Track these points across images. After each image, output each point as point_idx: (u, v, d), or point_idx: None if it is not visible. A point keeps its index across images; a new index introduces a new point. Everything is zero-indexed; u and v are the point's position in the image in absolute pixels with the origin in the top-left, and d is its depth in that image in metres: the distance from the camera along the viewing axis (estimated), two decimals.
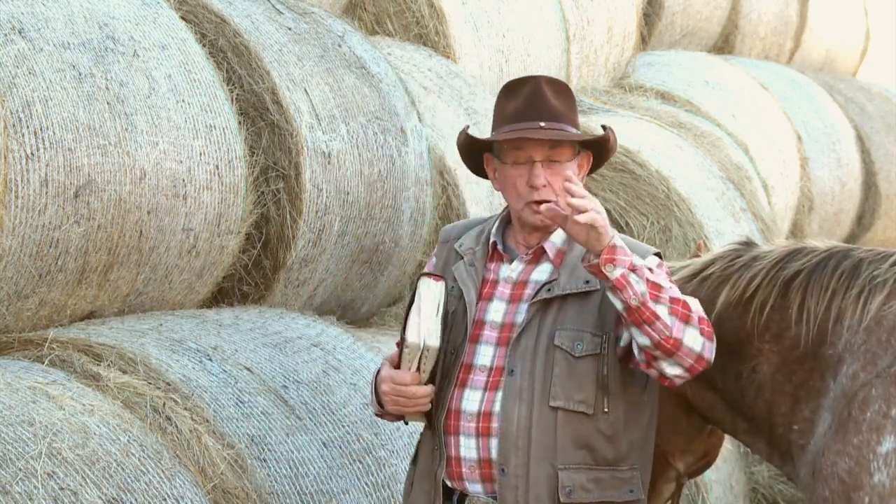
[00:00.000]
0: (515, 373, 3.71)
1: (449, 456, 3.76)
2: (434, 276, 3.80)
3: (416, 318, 3.72)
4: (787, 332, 4.00)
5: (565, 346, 3.71)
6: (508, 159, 3.79)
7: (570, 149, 3.79)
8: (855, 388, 3.81)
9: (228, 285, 5.64)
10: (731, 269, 4.13)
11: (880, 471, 3.70)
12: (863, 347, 3.85)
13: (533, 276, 3.81)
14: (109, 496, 3.83)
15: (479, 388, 3.75)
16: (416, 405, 3.75)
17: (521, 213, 3.80)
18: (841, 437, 3.79)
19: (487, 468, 3.73)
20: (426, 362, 3.72)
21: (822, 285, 3.97)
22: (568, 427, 3.69)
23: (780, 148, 9.67)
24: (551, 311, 3.74)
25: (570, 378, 3.70)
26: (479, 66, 7.93)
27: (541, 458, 3.68)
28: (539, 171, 3.73)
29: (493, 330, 3.78)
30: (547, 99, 3.78)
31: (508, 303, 3.80)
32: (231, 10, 5.79)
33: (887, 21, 13.95)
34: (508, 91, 3.85)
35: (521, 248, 3.85)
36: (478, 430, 3.73)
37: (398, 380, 3.73)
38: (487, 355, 3.77)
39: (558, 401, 3.69)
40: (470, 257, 3.86)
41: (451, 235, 3.97)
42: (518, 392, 3.70)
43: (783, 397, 4.01)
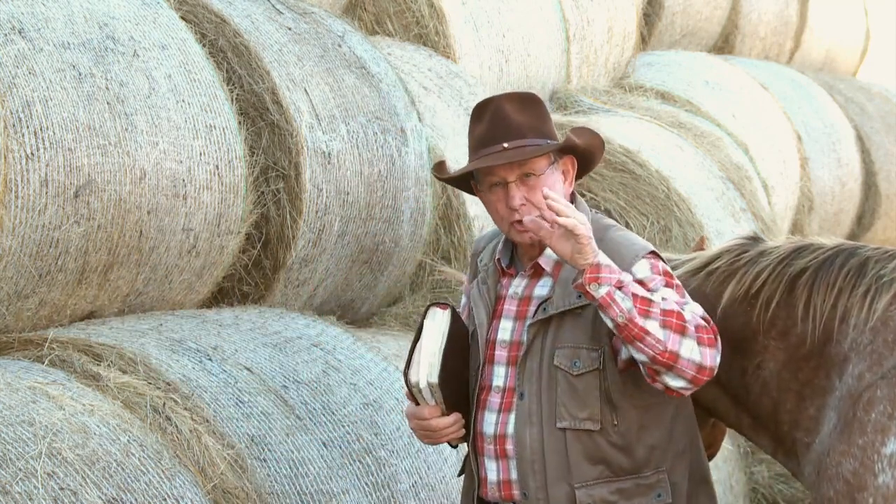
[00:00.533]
0: (525, 396, 3.74)
1: (480, 477, 3.83)
2: (441, 305, 3.84)
3: (417, 355, 3.78)
4: (793, 329, 4.00)
5: (564, 365, 3.72)
6: (484, 186, 3.80)
7: (543, 159, 3.75)
8: (860, 389, 3.81)
9: (228, 285, 5.64)
10: (737, 263, 4.13)
11: (884, 472, 3.70)
12: (869, 348, 3.84)
13: (535, 291, 3.82)
14: (109, 496, 3.83)
15: (494, 411, 3.79)
16: (445, 435, 3.82)
17: (508, 234, 3.82)
18: (846, 437, 3.79)
19: (507, 489, 3.77)
20: (436, 395, 3.77)
21: (828, 283, 3.96)
22: (578, 445, 3.71)
23: (780, 148, 9.67)
24: (550, 330, 3.75)
25: (572, 397, 3.71)
26: (479, 66, 7.92)
27: (557, 479, 3.70)
28: (514, 192, 3.73)
29: (503, 349, 3.81)
30: (508, 118, 3.75)
31: (515, 320, 3.82)
32: (231, 10, 5.79)
33: (887, 21, 13.95)
34: (475, 115, 3.83)
35: (525, 260, 3.87)
36: (496, 453, 3.78)
37: (418, 415, 3.81)
38: (500, 376, 3.81)
39: (564, 421, 3.71)
40: (483, 275, 3.90)
41: (479, 247, 4.00)
42: (528, 416, 3.73)
43: (788, 395, 4.01)
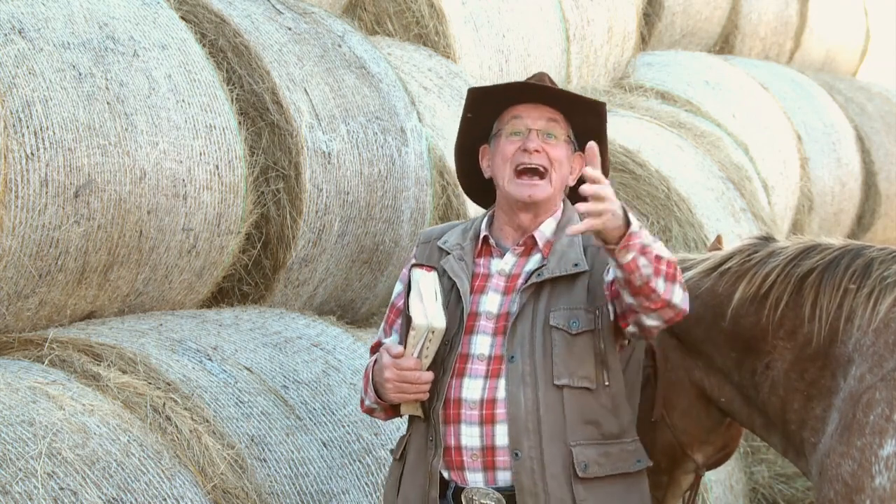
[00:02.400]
0: (516, 359, 3.76)
1: (447, 446, 3.79)
2: (426, 267, 3.87)
3: (418, 302, 3.77)
4: (800, 329, 4.02)
5: (561, 325, 3.78)
6: (506, 129, 3.87)
7: (564, 129, 3.87)
8: (861, 391, 3.82)
9: (228, 285, 5.64)
10: (748, 264, 4.16)
11: (881, 474, 3.71)
12: (871, 349, 3.86)
13: (526, 267, 3.88)
14: (109, 496, 3.83)
15: (479, 377, 3.79)
16: (418, 391, 3.78)
17: (508, 187, 3.86)
18: (845, 439, 3.80)
19: (490, 455, 3.77)
20: (430, 346, 3.76)
21: (834, 284, 3.98)
22: (574, 404, 3.76)
23: (780, 148, 9.67)
24: (543, 296, 3.81)
25: (570, 355, 3.77)
26: (479, 66, 7.92)
27: (553, 438, 3.74)
28: (534, 136, 3.82)
29: (488, 320, 3.83)
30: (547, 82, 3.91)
31: (503, 294, 3.85)
32: (231, 10, 5.79)
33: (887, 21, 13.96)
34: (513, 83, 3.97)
35: (509, 241, 3.92)
36: (481, 418, 3.77)
37: (403, 365, 3.76)
38: (485, 344, 3.81)
39: (563, 379, 3.76)
40: (458, 252, 3.91)
41: (433, 236, 4.03)
42: (521, 376, 3.75)
43: (796, 395, 4.02)
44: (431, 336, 3.75)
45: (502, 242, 3.93)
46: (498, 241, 3.93)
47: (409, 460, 3.87)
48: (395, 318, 4.02)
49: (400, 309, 3.99)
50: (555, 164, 3.83)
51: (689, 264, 4.28)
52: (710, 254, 4.32)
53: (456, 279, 3.86)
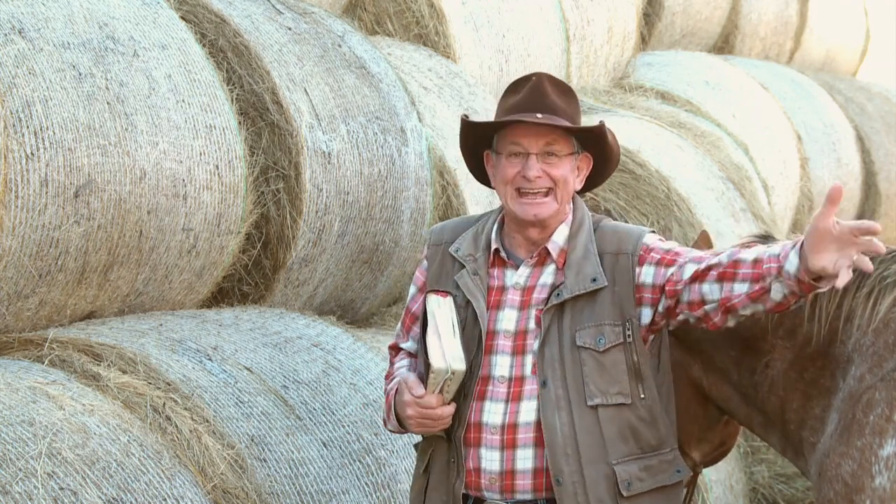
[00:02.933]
0: (548, 384, 3.70)
1: (468, 469, 3.76)
2: (440, 293, 3.80)
3: (436, 340, 3.71)
4: (799, 328, 4.02)
5: (588, 344, 3.71)
6: (504, 151, 3.79)
7: (567, 144, 3.77)
8: (860, 391, 3.82)
9: (228, 285, 5.64)
10: None
11: (881, 474, 3.71)
12: (870, 349, 3.86)
13: (541, 279, 3.80)
14: (109, 496, 3.83)
15: (500, 400, 3.75)
16: (441, 425, 3.76)
17: (510, 205, 3.79)
18: (845, 439, 3.79)
19: (510, 479, 3.73)
20: (451, 385, 3.72)
21: None
22: (611, 422, 3.71)
23: (780, 148, 9.67)
24: (566, 315, 3.74)
25: (601, 374, 3.71)
26: (479, 66, 7.92)
27: (593, 460, 3.69)
28: (533, 163, 3.73)
29: (507, 339, 3.77)
30: (547, 94, 3.77)
31: (519, 310, 3.79)
32: (231, 10, 5.79)
33: (887, 21, 13.96)
34: (511, 88, 3.85)
35: (522, 252, 3.84)
36: (502, 443, 3.73)
37: (424, 404, 3.73)
38: (505, 366, 3.76)
39: (596, 399, 3.71)
40: (472, 265, 3.83)
41: (444, 238, 3.94)
42: (555, 401, 3.70)
43: (795, 394, 4.02)
44: (451, 377, 3.71)
45: (514, 253, 3.85)
46: (510, 251, 3.86)
47: (433, 478, 3.84)
48: (412, 325, 3.97)
49: (416, 315, 3.94)
50: (558, 182, 3.75)
51: None
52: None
53: (471, 298, 3.79)
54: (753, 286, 3.56)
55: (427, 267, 3.94)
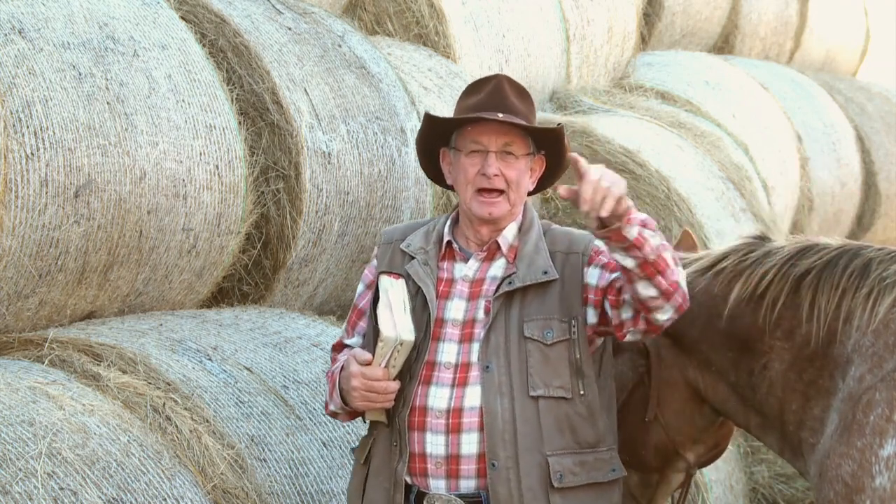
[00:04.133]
0: (492, 368, 3.78)
1: (412, 452, 3.81)
2: (393, 274, 3.89)
3: (387, 312, 3.79)
4: (798, 329, 4.01)
5: (536, 336, 3.81)
6: (465, 149, 3.88)
7: (524, 145, 3.89)
8: (860, 391, 3.81)
9: (228, 285, 5.64)
10: (743, 264, 4.14)
11: (881, 474, 3.70)
12: (870, 350, 3.85)
13: (490, 272, 3.90)
14: (109, 496, 3.83)
15: (446, 385, 3.81)
16: (384, 400, 3.80)
17: (469, 203, 3.89)
18: (845, 439, 3.79)
19: (455, 464, 3.79)
20: (398, 357, 3.78)
21: (832, 283, 3.98)
22: (550, 414, 3.79)
23: (780, 148, 9.67)
24: (515, 304, 3.83)
25: (545, 366, 3.80)
26: (479, 66, 7.92)
27: (528, 448, 3.76)
28: (492, 161, 3.84)
29: (454, 328, 3.85)
30: (507, 95, 3.89)
31: (468, 300, 3.88)
32: (231, 10, 5.79)
33: (887, 21, 13.96)
34: (470, 88, 3.96)
35: (472, 246, 3.94)
36: (448, 427, 3.79)
37: (371, 375, 3.78)
38: (451, 352, 3.84)
39: (538, 390, 3.79)
40: (423, 256, 3.93)
41: (395, 236, 4.04)
42: (497, 387, 3.77)
43: (794, 395, 4.02)
44: (400, 348, 3.76)
45: (466, 247, 3.95)
46: (461, 245, 3.96)
47: (374, 465, 3.89)
48: (357, 320, 4.04)
49: (362, 310, 4.02)
50: (512, 184, 3.86)
51: (683, 263, 4.26)
52: (704, 253, 4.31)
53: (421, 284, 3.89)
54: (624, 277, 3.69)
55: (377, 265, 4.03)
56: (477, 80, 3.98)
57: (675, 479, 4.39)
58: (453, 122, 3.92)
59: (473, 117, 3.84)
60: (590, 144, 7.57)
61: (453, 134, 3.93)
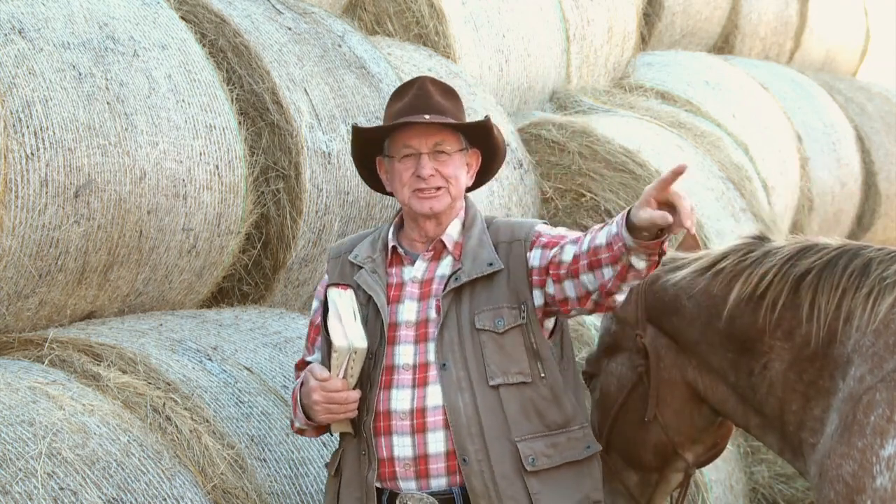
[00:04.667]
0: (448, 366, 3.81)
1: (380, 458, 3.84)
2: (341, 286, 3.92)
3: (337, 323, 3.81)
4: (798, 329, 4.01)
5: (487, 326, 3.84)
6: (397, 154, 3.92)
7: (455, 141, 3.92)
8: (861, 391, 3.81)
9: (228, 285, 5.64)
10: (743, 264, 4.14)
11: (882, 474, 3.70)
12: (871, 350, 3.85)
13: (438, 271, 3.93)
14: (109, 496, 3.83)
15: (406, 387, 3.84)
16: (346, 410, 3.83)
17: (409, 202, 3.92)
18: (846, 439, 3.79)
19: (423, 463, 3.81)
20: (354, 366, 3.80)
21: (832, 284, 3.97)
22: (513, 400, 3.81)
23: (780, 148, 9.67)
24: (464, 299, 3.86)
25: (501, 354, 3.83)
26: (479, 66, 7.92)
27: (497, 437, 3.78)
28: (426, 162, 3.88)
29: (408, 329, 3.88)
30: (431, 95, 3.93)
31: (419, 301, 3.90)
32: (231, 10, 5.79)
33: (887, 21, 13.96)
34: (396, 94, 4.00)
35: (419, 247, 3.98)
36: (413, 427, 3.81)
37: (330, 387, 3.80)
38: (408, 354, 3.86)
39: (497, 379, 3.82)
40: (370, 265, 3.96)
41: (342, 250, 4.07)
42: (457, 383, 3.80)
43: (794, 395, 4.02)
44: (354, 356, 3.78)
45: (411, 250, 3.98)
46: (407, 249, 3.98)
47: (345, 476, 3.92)
48: (316, 336, 4.06)
49: (319, 327, 4.03)
50: (450, 179, 3.90)
51: (681, 263, 4.26)
52: (703, 253, 4.30)
53: (371, 293, 3.91)
54: (616, 267, 3.65)
55: (328, 281, 4.05)
56: (401, 85, 4.02)
57: (674, 478, 4.40)
58: (382, 130, 3.96)
59: (400, 123, 3.88)
60: (590, 144, 7.57)
61: (385, 142, 3.96)
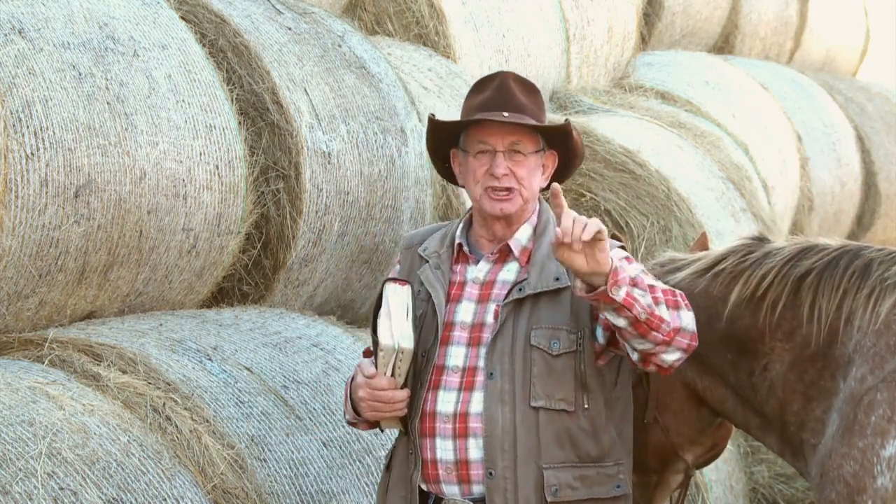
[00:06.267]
0: (495, 375, 3.73)
1: (424, 459, 3.78)
2: (399, 281, 3.83)
3: (386, 321, 3.74)
4: (798, 330, 4.01)
5: (542, 345, 3.74)
6: (472, 150, 3.83)
7: (532, 142, 3.83)
8: (862, 392, 3.81)
9: (228, 285, 5.64)
10: (742, 265, 4.14)
11: (883, 474, 3.71)
12: (872, 350, 3.85)
13: (500, 275, 3.85)
14: (109, 496, 3.83)
15: (453, 389, 3.78)
16: (393, 409, 3.77)
17: (480, 201, 3.84)
18: (847, 440, 3.79)
19: (465, 469, 3.75)
20: (401, 365, 3.74)
21: (833, 284, 3.97)
22: (550, 426, 3.73)
23: (780, 148, 9.67)
24: (524, 311, 3.77)
25: (549, 377, 3.73)
26: (479, 66, 7.92)
27: (526, 459, 3.71)
28: (501, 160, 3.79)
29: (463, 330, 3.81)
30: (513, 93, 3.83)
31: (477, 303, 3.83)
32: (231, 10, 5.79)
33: (887, 21, 13.96)
34: (476, 87, 3.91)
35: (485, 247, 3.90)
36: (455, 432, 3.75)
37: (374, 385, 3.74)
38: (459, 356, 3.79)
39: (539, 401, 3.73)
40: (435, 260, 3.89)
41: (415, 241, 4.01)
42: (499, 395, 3.72)
43: (795, 396, 4.01)
44: (401, 356, 3.72)
45: (477, 249, 3.91)
46: (473, 247, 3.91)
47: (394, 474, 3.88)
48: None
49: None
50: (523, 181, 3.80)
51: (681, 264, 4.26)
52: (702, 254, 4.30)
53: (431, 290, 3.85)
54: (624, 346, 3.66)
55: (399, 270, 4.00)
56: (482, 78, 3.92)
57: (673, 479, 4.39)
58: (458, 124, 3.88)
59: (476, 119, 3.80)
60: (590, 144, 7.57)
61: (461, 134, 3.88)
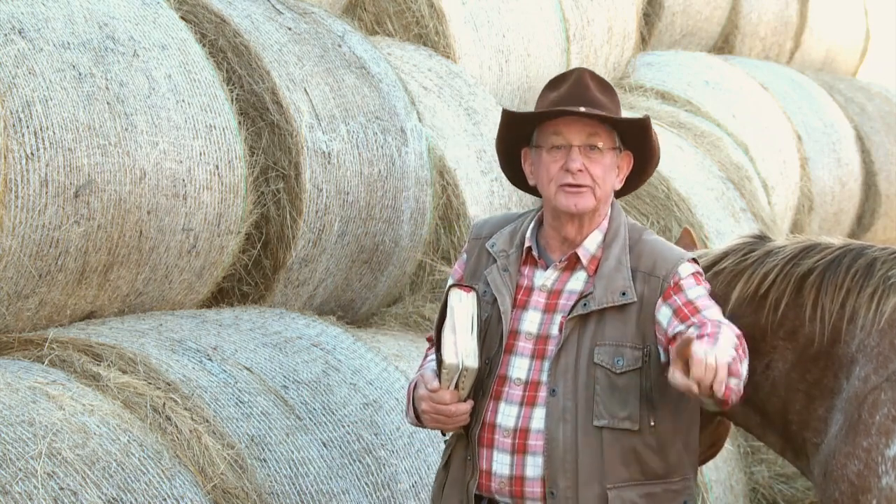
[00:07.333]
0: (557, 392, 3.65)
1: (481, 469, 3.72)
2: (465, 287, 3.71)
3: (451, 335, 3.64)
4: (801, 329, 4.00)
5: (605, 363, 3.65)
6: (546, 144, 3.73)
7: (609, 138, 3.74)
8: (866, 391, 3.81)
9: (228, 285, 5.64)
10: (744, 263, 4.13)
11: (888, 474, 3.70)
12: (875, 350, 3.85)
13: (568, 285, 3.75)
14: (109, 496, 3.83)
15: (515, 403, 3.70)
16: (456, 423, 3.71)
17: (554, 198, 3.72)
18: (851, 439, 3.79)
19: (519, 485, 3.68)
20: (465, 381, 3.66)
21: (836, 283, 3.96)
22: (615, 445, 3.64)
23: (780, 148, 9.67)
24: (589, 326, 3.68)
25: (612, 395, 3.64)
26: (479, 66, 7.92)
27: (589, 480, 3.63)
28: (576, 156, 3.68)
29: (527, 341, 3.72)
30: (589, 88, 3.74)
31: (543, 313, 3.73)
32: (231, 10, 5.79)
33: (887, 21, 13.95)
34: (552, 84, 3.81)
35: (555, 250, 3.79)
36: (513, 447, 3.68)
37: (438, 399, 3.67)
38: (523, 368, 3.71)
39: (602, 420, 3.64)
40: (504, 261, 3.79)
41: (483, 232, 3.90)
42: (561, 413, 3.64)
43: (797, 395, 4.01)
44: (465, 373, 3.64)
45: (547, 253, 3.80)
46: (543, 251, 3.81)
47: (451, 474, 3.80)
48: None
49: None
50: (598, 179, 3.70)
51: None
52: (702, 252, 4.29)
53: (497, 295, 3.74)
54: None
55: (466, 260, 3.91)
56: (558, 75, 3.82)
57: None
58: (533, 116, 3.76)
59: (554, 111, 3.68)
60: None
61: (534, 132, 3.78)
